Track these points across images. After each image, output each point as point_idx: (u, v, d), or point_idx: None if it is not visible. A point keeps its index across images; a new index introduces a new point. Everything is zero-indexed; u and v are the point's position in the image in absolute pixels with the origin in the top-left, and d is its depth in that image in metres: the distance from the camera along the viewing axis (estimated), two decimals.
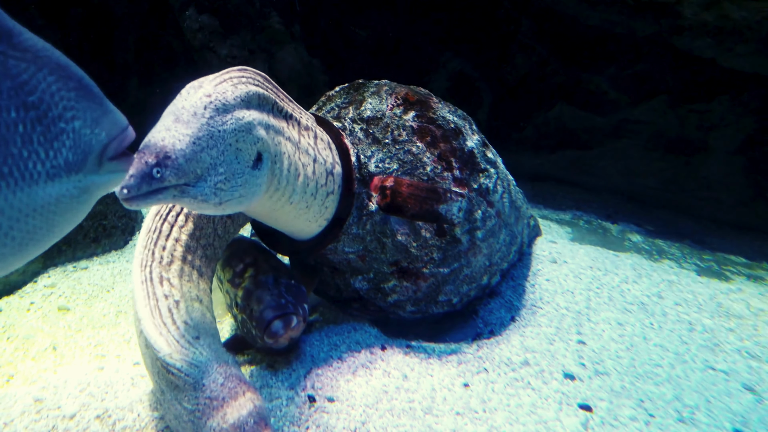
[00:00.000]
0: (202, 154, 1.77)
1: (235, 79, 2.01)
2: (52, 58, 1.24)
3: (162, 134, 1.76)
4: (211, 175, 1.80)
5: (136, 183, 1.64)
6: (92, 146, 1.31)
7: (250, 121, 1.94)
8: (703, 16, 4.18)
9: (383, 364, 2.57)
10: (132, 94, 5.98)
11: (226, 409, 1.82)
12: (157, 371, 1.97)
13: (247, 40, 5.42)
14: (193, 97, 1.86)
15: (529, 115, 5.67)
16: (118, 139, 1.37)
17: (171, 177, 1.70)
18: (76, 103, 1.27)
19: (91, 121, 1.30)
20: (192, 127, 1.78)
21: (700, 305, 3.33)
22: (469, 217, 2.75)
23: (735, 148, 4.89)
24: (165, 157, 1.69)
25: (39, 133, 1.21)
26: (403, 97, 2.82)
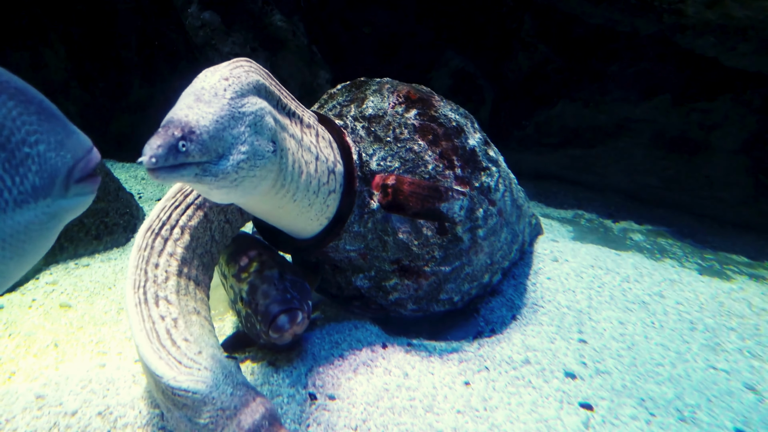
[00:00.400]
0: (224, 133, 1.79)
1: (246, 66, 2.04)
2: (10, 83, 1.23)
3: (185, 111, 1.77)
4: (233, 153, 1.82)
5: (164, 153, 1.63)
6: (58, 169, 1.30)
7: (263, 107, 1.98)
8: (706, 14, 4.17)
9: (384, 362, 2.57)
10: (134, 91, 5.98)
11: (239, 417, 1.85)
12: (162, 393, 1.95)
13: (250, 38, 5.41)
14: (211, 79, 1.89)
15: (530, 114, 5.66)
16: (84, 160, 1.37)
17: (195, 152, 1.71)
18: (38, 126, 1.26)
19: (55, 144, 1.29)
20: (214, 106, 1.80)
21: (702, 304, 3.33)
22: (471, 215, 2.75)
23: (737, 147, 4.88)
24: (190, 131, 1.70)
25: (3, 159, 1.19)
26: (404, 95, 2.82)
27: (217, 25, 5.39)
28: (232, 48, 5.38)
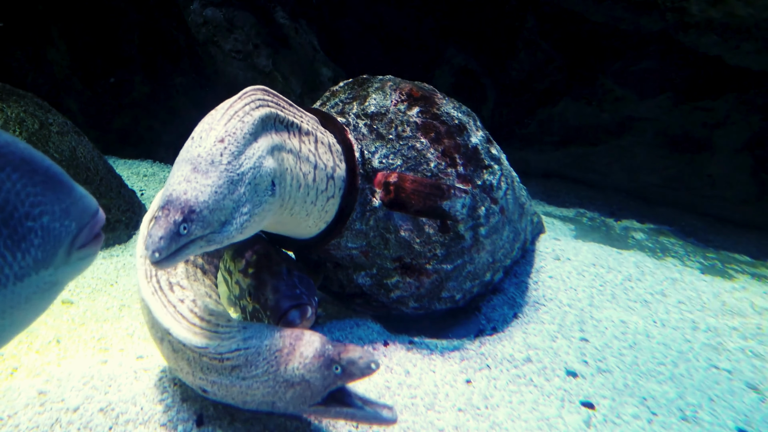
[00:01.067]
0: (224, 202, 1.77)
1: (240, 112, 1.98)
2: (15, 153, 1.18)
3: (183, 186, 1.74)
4: (236, 217, 1.82)
5: (167, 244, 1.63)
6: (62, 239, 1.28)
7: (260, 155, 1.94)
8: (709, 12, 4.16)
9: (386, 359, 2.57)
10: (136, 88, 5.98)
11: (300, 349, 1.89)
12: (202, 369, 1.95)
13: (252, 35, 5.41)
14: (206, 143, 1.84)
15: (533, 112, 5.66)
16: (88, 227, 1.34)
17: (197, 230, 1.70)
18: (43, 197, 1.23)
19: (60, 214, 1.27)
20: (212, 177, 1.77)
21: (704, 303, 3.32)
22: (473, 213, 2.75)
23: (740, 146, 4.87)
24: (190, 211, 1.69)
25: (5, 236, 1.16)
26: (407, 93, 2.82)
27: (220, 22, 5.39)
28: (234, 45, 5.38)
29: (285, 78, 5.31)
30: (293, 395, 1.90)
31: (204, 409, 2.14)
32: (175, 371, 2.13)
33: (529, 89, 5.63)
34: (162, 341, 2.06)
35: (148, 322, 2.15)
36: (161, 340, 2.07)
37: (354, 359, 1.89)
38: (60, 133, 4.02)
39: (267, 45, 5.42)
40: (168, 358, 2.10)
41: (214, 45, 5.41)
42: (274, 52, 5.44)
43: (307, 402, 1.91)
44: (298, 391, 1.89)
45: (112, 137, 6.03)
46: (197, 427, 2.06)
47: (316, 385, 1.89)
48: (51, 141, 3.90)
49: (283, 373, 1.88)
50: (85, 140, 4.28)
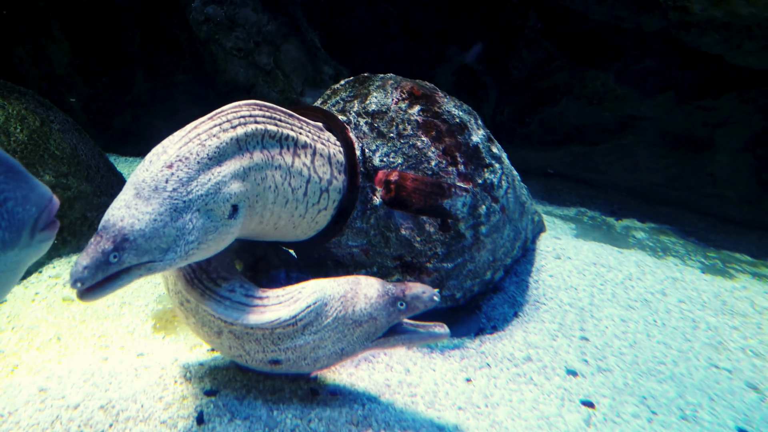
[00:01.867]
0: (165, 230, 1.71)
1: (204, 135, 1.91)
2: None
3: (122, 212, 1.69)
4: (180, 245, 1.76)
5: (91, 273, 1.58)
6: (25, 222, 1.42)
7: (219, 180, 1.86)
8: (711, 11, 4.15)
9: (386, 358, 2.58)
10: (137, 86, 5.98)
11: (363, 291, 2.10)
12: (277, 338, 2.04)
13: (253, 33, 5.40)
14: (154, 168, 1.78)
15: (534, 111, 5.65)
16: (46, 211, 1.48)
17: (131, 259, 1.65)
18: (5, 185, 1.37)
19: (21, 199, 1.41)
20: (153, 204, 1.71)
21: (704, 303, 3.32)
22: (474, 212, 2.74)
23: (742, 146, 4.86)
24: (123, 239, 1.64)
25: None
26: (408, 91, 2.81)
27: (221, 19, 5.39)
28: (235, 43, 5.37)
29: (286, 76, 5.31)
30: (360, 334, 2.10)
31: (205, 407, 2.14)
32: (237, 357, 2.15)
33: (531, 88, 5.62)
34: (221, 334, 2.07)
35: (198, 322, 2.11)
36: (219, 333, 2.07)
37: (418, 294, 2.11)
38: (61, 131, 4.02)
39: (268, 43, 5.41)
40: (230, 347, 2.10)
41: (215, 43, 5.41)
42: (276, 49, 5.44)
43: (371, 338, 2.11)
44: (365, 329, 2.09)
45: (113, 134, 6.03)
46: (198, 425, 2.06)
47: (381, 321, 2.09)
48: (52, 138, 3.90)
49: (351, 315, 2.07)
50: (87, 137, 4.28)
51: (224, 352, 2.20)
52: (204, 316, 2.08)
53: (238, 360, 2.21)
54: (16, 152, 3.63)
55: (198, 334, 2.20)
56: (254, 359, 2.13)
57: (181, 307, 2.15)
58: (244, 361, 2.16)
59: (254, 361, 2.14)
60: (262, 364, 2.15)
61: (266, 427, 2.07)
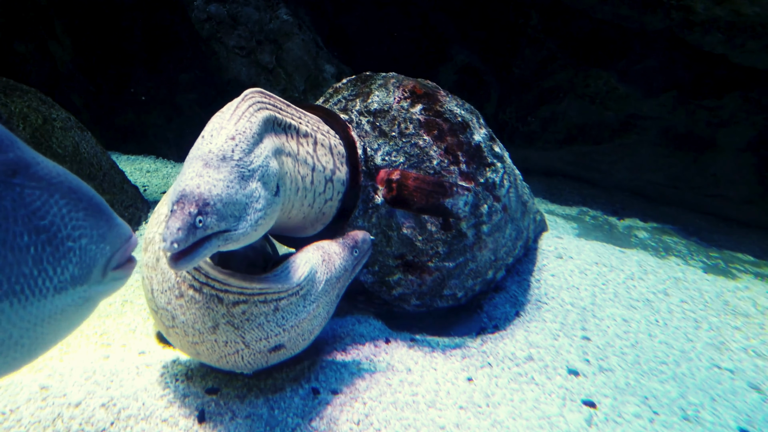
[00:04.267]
0: (237, 197, 1.77)
1: (247, 113, 1.99)
2: (64, 183, 1.38)
3: (196, 181, 1.74)
4: (250, 213, 1.81)
5: (184, 235, 1.62)
6: (97, 260, 1.43)
7: (267, 155, 1.96)
8: (714, 11, 4.14)
9: (387, 357, 2.57)
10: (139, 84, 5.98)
11: (333, 251, 2.30)
12: (281, 315, 2.06)
13: (255, 31, 5.40)
14: (218, 140, 1.85)
15: (536, 110, 5.64)
16: (121, 250, 1.49)
17: (213, 224, 1.69)
18: (83, 222, 1.40)
19: (97, 237, 1.43)
20: (223, 171, 1.77)
21: (707, 303, 3.32)
22: (475, 211, 2.74)
23: (744, 145, 4.85)
24: (204, 204, 1.68)
25: (48, 253, 1.33)
26: (410, 90, 2.81)
27: (223, 18, 5.39)
28: (237, 41, 5.37)
29: (288, 75, 5.31)
30: (338, 290, 2.32)
31: (206, 405, 2.14)
32: (232, 356, 2.08)
33: (533, 87, 5.61)
34: (216, 328, 2.01)
35: (190, 319, 2.03)
36: (214, 327, 2.01)
37: (363, 238, 2.43)
38: (63, 129, 4.02)
39: (270, 41, 5.41)
40: (226, 343, 2.03)
41: (217, 41, 5.41)
42: (277, 48, 5.44)
43: (343, 290, 2.36)
44: (341, 284, 2.33)
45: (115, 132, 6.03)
46: (199, 423, 2.06)
47: (349, 272, 2.37)
48: (54, 136, 3.90)
49: (335, 274, 2.26)
50: (89, 136, 4.28)
51: (216, 355, 2.09)
52: (204, 306, 1.99)
53: (231, 362, 2.11)
54: None
55: (185, 339, 2.08)
56: (254, 350, 2.06)
57: (175, 301, 2.04)
58: (240, 358, 2.08)
59: (253, 354, 2.08)
60: (261, 355, 2.09)
61: (267, 426, 2.07)
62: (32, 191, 1.31)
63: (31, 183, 1.30)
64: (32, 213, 1.30)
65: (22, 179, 1.29)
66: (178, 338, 2.11)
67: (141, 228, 4.23)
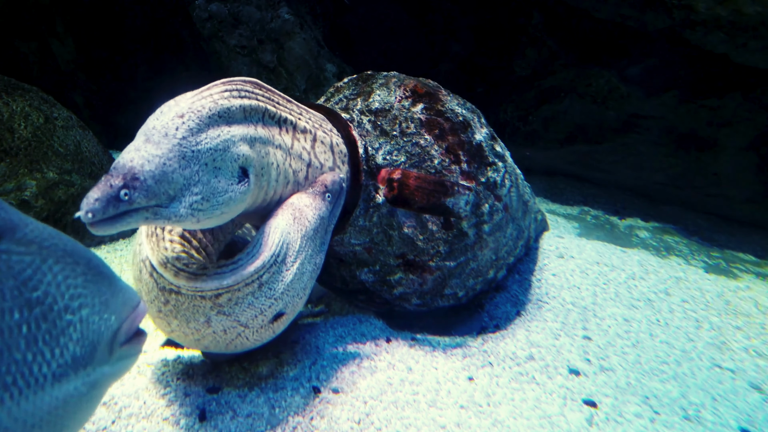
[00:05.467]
0: (173, 175, 1.72)
1: (216, 95, 1.95)
2: (58, 245, 1.18)
3: (131, 155, 1.71)
4: (185, 195, 1.76)
5: (102, 206, 1.57)
6: (101, 334, 1.23)
7: (228, 139, 1.90)
8: (716, 10, 4.14)
9: (388, 356, 2.57)
10: (140, 83, 5.98)
11: (302, 204, 2.28)
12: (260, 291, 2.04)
13: (257, 30, 5.40)
14: (165, 117, 1.82)
15: (538, 109, 5.64)
16: (129, 320, 1.30)
17: (140, 199, 1.66)
18: (83, 289, 1.20)
19: (99, 307, 1.23)
20: (162, 148, 1.74)
21: (708, 303, 3.31)
22: (477, 210, 2.74)
23: (746, 145, 4.85)
24: (133, 178, 1.65)
25: (44, 331, 1.11)
26: (411, 89, 2.81)
27: (225, 17, 5.39)
28: (239, 40, 5.37)
29: (289, 74, 5.31)
30: (320, 239, 2.31)
31: (207, 404, 2.14)
32: (236, 340, 2.09)
33: (535, 86, 5.61)
34: (210, 322, 2.03)
35: (183, 319, 2.05)
36: (208, 321, 2.03)
37: (333, 180, 2.41)
38: (65, 128, 4.03)
39: (271, 40, 5.41)
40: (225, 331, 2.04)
41: (218, 40, 5.41)
42: (279, 47, 5.43)
43: (327, 237, 2.36)
44: (320, 233, 2.31)
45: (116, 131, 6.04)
46: (200, 422, 2.06)
47: (326, 218, 2.35)
48: (56, 135, 3.91)
49: (310, 227, 2.24)
50: (90, 134, 4.28)
51: (223, 343, 2.11)
52: (190, 305, 2.01)
53: (239, 345, 2.13)
54: (20, 149, 3.63)
55: (188, 339, 2.11)
56: (255, 327, 2.08)
57: (164, 308, 2.06)
58: (245, 339, 2.10)
59: (256, 331, 2.09)
60: (264, 329, 2.10)
61: (268, 425, 2.07)
62: (21, 258, 1.10)
63: (19, 248, 1.11)
64: (23, 284, 1.09)
65: (8, 245, 1.10)
66: (183, 339, 2.13)
67: None
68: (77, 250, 1.23)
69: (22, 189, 3.54)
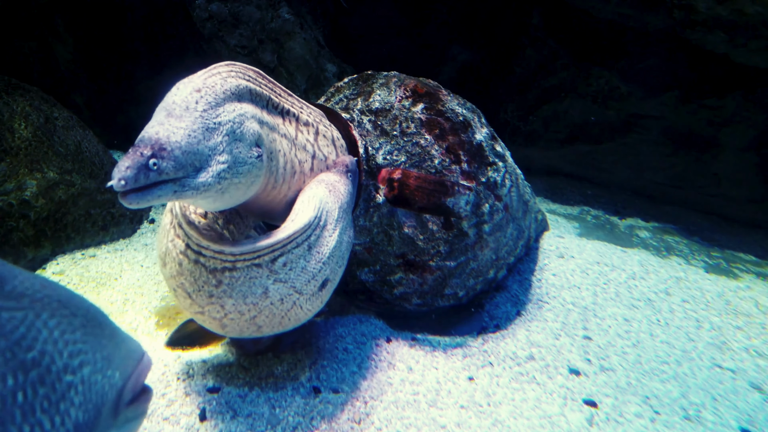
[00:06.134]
0: (198, 146, 1.75)
1: (224, 73, 1.98)
2: (52, 296, 1.06)
3: (156, 128, 1.73)
4: (212, 164, 1.78)
5: (133, 174, 1.58)
6: (105, 395, 1.09)
7: (242, 113, 1.93)
8: (716, 10, 4.13)
9: (388, 356, 2.57)
10: (141, 82, 5.98)
11: (333, 179, 2.38)
12: (310, 254, 2.07)
13: (257, 30, 5.40)
14: (183, 92, 1.85)
15: (538, 109, 5.64)
16: (134, 376, 1.17)
17: (169, 169, 1.66)
18: (83, 344, 1.07)
19: (102, 363, 1.09)
20: (185, 120, 1.76)
21: (708, 303, 3.31)
22: (477, 210, 2.74)
23: (746, 145, 4.84)
24: (161, 149, 1.66)
25: (42, 396, 0.97)
26: (411, 89, 2.81)
27: (225, 17, 5.39)
28: (239, 40, 5.37)
29: (290, 73, 5.31)
30: (349, 212, 2.36)
31: (207, 403, 2.14)
32: (291, 309, 2.07)
33: (535, 86, 5.61)
34: (267, 293, 2.01)
35: (239, 295, 2.00)
36: (265, 293, 2.01)
37: (351, 161, 2.54)
38: (65, 128, 4.03)
39: (272, 40, 5.42)
40: (282, 300, 2.03)
41: (219, 40, 5.41)
42: (279, 47, 5.43)
43: (349, 212, 2.41)
44: (349, 207, 2.38)
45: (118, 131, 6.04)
46: (200, 422, 2.06)
47: (353, 193, 2.47)
48: (56, 135, 3.91)
49: (344, 200, 2.31)
50: (90, 134, 4.28)
51: (278, 318, 2.05)
52: (247, 278, 1.97)
53: (293, 317, 2.09)
54: (21, 149, 3.64)
55: (242, 320, 2.03)
56: (308, 294, 2.08)
57: (217, 290, 1.98)
58: (299, 309, 2.08)
59: (309, 299, 2.09)
60: (315, 297, 2.12)
61: (268, 425, 2.07)
62: (12, 314, 0.98)
63: (9, 303, 0.99)
64: (16, 344, 0.96)
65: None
66: (235, 324, 2.05)
67: (143, 226, 4.23)
68: (73, 299, 1.11)
69: (23, 189, 3.54)
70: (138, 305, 3.14)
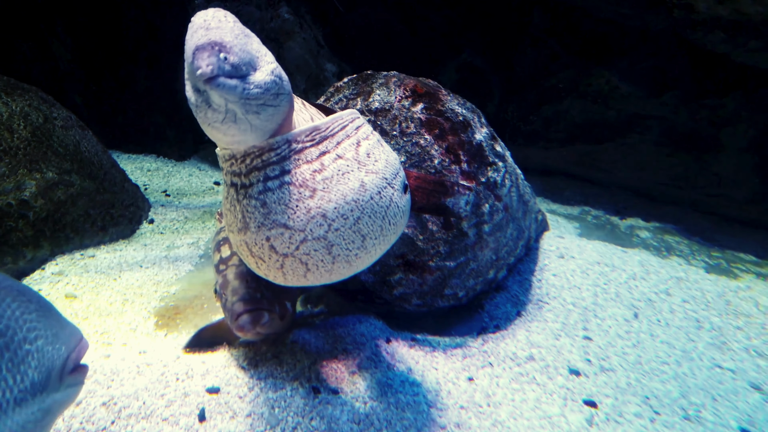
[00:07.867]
0: (246, 46, 1.80)
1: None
2: (13, 286, 1.39)
3: (202, 39, 1.76)
4: (262, 63, 1.83)
5: (216, 60, 1.66)
6: (54, 362, 1.40)
7: (267, 52, 1.96)
8: (717, 10, 4.13)
9: (388, 356, 2.57)
10: (140, 83, 5.98)
11: None
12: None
13: (256, 30, 5.40)
14: (207, 13, 1.87)
15: (538, 109, 5.64)
16: (75, 351, 1.47)
17: (236, 61, 1.72)
18: (37, 323, 1.38)
19: (51, 338, 1.41)
20: (224, 28, 1.81)
21: (708, 303, 3.31)
22: (477, 210, 2.73)
23: (747, 145, 4.84)
24: (221, 45, 1.72)
25: (7, 360, 1.29)
26: (411, 89, 2.80)
27: None
28: None
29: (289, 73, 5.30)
30: None
31: (206, 404, 2.14)
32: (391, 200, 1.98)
33: (535, 86, 5.60)
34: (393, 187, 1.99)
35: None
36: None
37: None
38: (64, 128, 4.02)
39: (271, 40, 5.41)
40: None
41: None
42: (278, 47, 5.43)
43: None
44: None
45: (116, 131, 6.04)
46: (199, 422, 2.06)
47: None
48: (55, 135, 3.90)
49: None
50: (89, 134, 4.28)
51: (378, 215, 1.93)
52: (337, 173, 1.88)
53: (389, 215, 1.97)
54: (20, 149, 3.63)
55: (347, 254, 1.93)
56: (398, 186, 2.05)
57: (315, 238, 1.84)
58: (396, 208, 2.00)
59: (399, 192, 2.04)
60: (402, 199, 2.06)
61: (268, 425, 2.07)
62: None
63: None
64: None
65: None
66: (341, 233, 1.90)
67: (142, 227, 4.23)
68: (28, 290, 1.42)
69: (22, 189, 3.53)
70: (137, 305, 3.13)
